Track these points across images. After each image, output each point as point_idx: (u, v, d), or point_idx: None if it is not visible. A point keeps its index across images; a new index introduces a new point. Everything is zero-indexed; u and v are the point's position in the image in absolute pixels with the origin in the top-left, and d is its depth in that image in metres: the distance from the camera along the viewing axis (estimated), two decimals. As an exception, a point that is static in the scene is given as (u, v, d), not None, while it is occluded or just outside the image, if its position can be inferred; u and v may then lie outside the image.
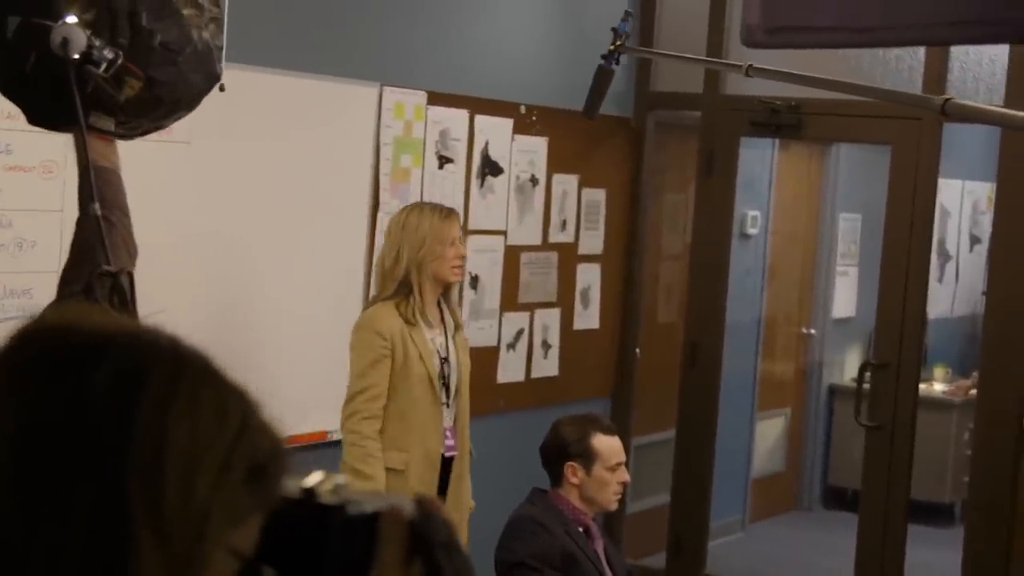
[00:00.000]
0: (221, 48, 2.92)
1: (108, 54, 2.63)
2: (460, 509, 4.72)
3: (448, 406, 4.72)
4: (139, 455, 0.97)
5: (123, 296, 2.56)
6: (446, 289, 4.79)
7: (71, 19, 2.63)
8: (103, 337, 1.03)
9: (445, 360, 4.70)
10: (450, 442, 4.70)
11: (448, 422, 4.71)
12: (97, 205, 2.60)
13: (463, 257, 4.77)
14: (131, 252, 2.69)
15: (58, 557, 0.95)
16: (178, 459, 0.98)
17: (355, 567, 1.05)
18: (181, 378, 1.01)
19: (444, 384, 4.69)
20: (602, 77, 5.19)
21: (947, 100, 3.09)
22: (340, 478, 1.09)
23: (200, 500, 0.99)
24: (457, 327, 4.82)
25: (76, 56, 2.59)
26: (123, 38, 2.68)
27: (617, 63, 5.19)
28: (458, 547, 1.09)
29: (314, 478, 1.08)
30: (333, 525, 1.06)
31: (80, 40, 2.61)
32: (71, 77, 2.58)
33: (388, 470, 4.55)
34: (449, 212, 4.73)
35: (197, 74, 2.89)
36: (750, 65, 2.96)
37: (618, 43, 5.13)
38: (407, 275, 4.64)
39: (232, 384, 1.05)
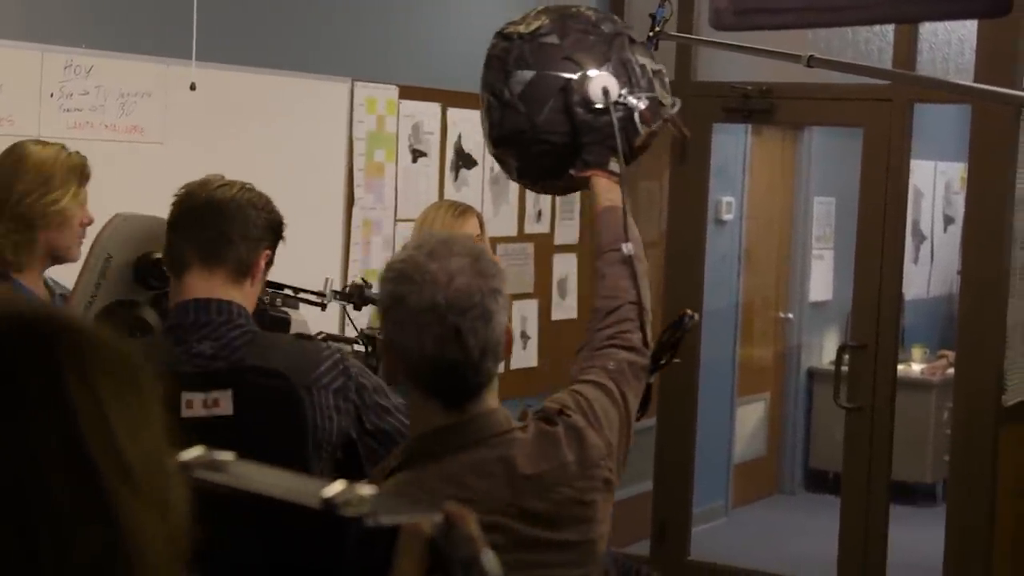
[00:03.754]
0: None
1: (642, 101, 2.78)
2: None
3: None
4: (88, 428, 1.03)
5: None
6: None
7: (593, 72, 2.77)
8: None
9: None
10: None
11: None
12: (629, 244, 2.67)
13: None
14: (647, 281, 2.75)
15: (59, 545, 1.00)
16: (121, 420, 1.04)
17: None
18: (86, 348, 1.07)
19: None
20: None
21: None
22: (364, 488, 1.08)
23: (151, 448, 1.06)
24: None
25: (616, 103, 2.74)
26: (639, 89, 2.82)
27: (656, 49, 5.19)
28: (479, 564, 1.08)
29: (334, 488, 1.07)
30: (351, 537, 1.05)
31: (615, 88, 2.76)
32: (614, 122, 2.73)
33: None
34: (464, 210, 4.71)
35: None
36: (811, 56, 2.97)
37: (657, 29, 5.14)
38: None
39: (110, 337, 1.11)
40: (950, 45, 6.27)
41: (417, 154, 5.74)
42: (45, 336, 1.07)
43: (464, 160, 5.99)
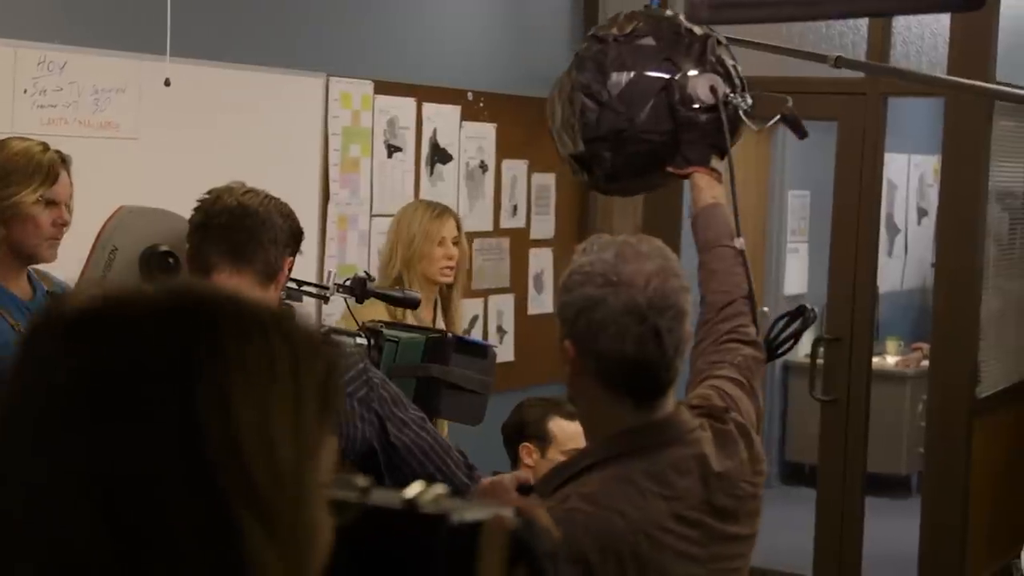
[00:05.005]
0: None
1: (747, 99, 2.87)
2: None
3: None
4: (213, 442, 0.96)
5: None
6: (446, 291, 4.77)
7: (692, 72, 2.85)
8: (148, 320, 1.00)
9: None
10: None
11: None
12: (741, 240, 2.78)
13: (452, 258, 4.73)
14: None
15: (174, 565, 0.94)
16: (252, 437, 0.97)
17: (460, 575, 1.05)
18: (225, 348, 0.99)
19: None
20: None
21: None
22: (439, 488, 1.09)
23: (288, 469, 0.98)
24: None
25: (724, 101, 2.82)
26: (739, 87, 2.91)
27: None
28: (562, 558, 1.09)
29: (414, 489, 1.08)
30: (438, 534, 1.05)
31: (722, 87, 2.84)
32: (724, 118, 2.80)
33: None
34: (442, 211, 4.69)
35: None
36: (838, 56, 3.03)
37: None
38: (399, 273, 4.64)
39: (266, 319, 1.02)
40: (923, 39, 6.30)
41: (392, 149, 5.73)
42: (185, 327, 0.99)
43: (439, 155, 5.98)
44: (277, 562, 0.97)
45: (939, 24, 6.12)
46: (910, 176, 9.85)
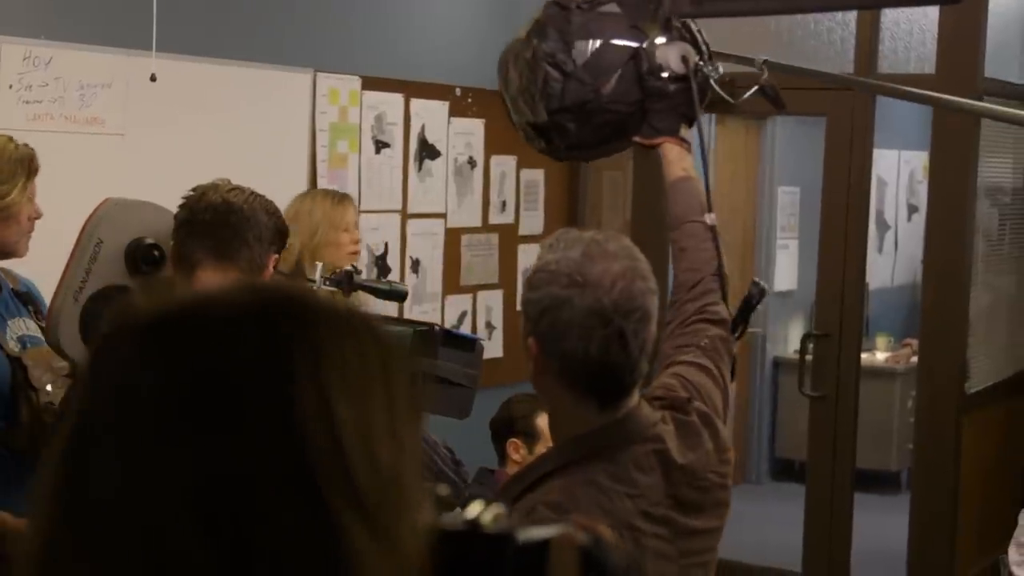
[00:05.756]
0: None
1: (718, 68, 2.80)
2: None
3: None
4: (314, 442, 0.93)
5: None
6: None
7: (662, 40, 2.76)
8: (239, 317, 0.97)
9: None
10: None
11: None
12: (712, 215, 2.70)
13: (358, 242, 4.70)
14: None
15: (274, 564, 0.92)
16: (353, 437, 0.94)
17: None
18: (323, 346, 0.96)
19: None
20: None
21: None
22: (498, 507, 1.06)
23: (387, 468, 0.96)
24: None
25: (695, 70, 2.75)
26: (706, 55, 2.83)
27: None
28: (638, 571, 1.07)
29: (475, 509, 1.05)
30: (505, 554, 1.03)
31: (692, 56, 2.76)
32: (694, 88, 2.73)
33: None
34: (343, 197, 4.63)
35: None
36: (765, 60, 2.97)
37: None
38: (299, 263, 4.59)
39: (357, 318, 1.01)
40: (911, 35, 6.29)
41: (380, 145, 5.72)
42: (278, 326, 0.96)
43: (428, 151, 5.97)
44: (381, 562, 0.94)
45: (928, 20, 6.11)
46: (900, 172, 9.84)
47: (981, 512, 6.27)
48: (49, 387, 3.25)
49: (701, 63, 2.79)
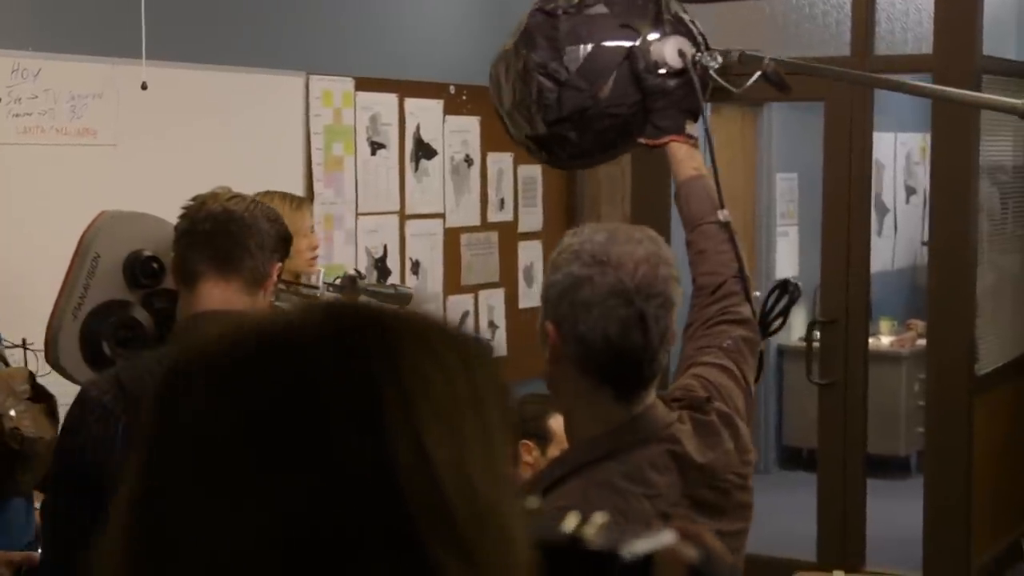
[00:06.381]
0: None
1: (717, 57, 2.71)
2: None
3: None
4: (407, 477, 0.85)
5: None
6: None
7: (655, 35, 2.68)
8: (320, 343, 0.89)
9: None
10: None
11: None
12: (725, 211, 2.64)
13: (316, 248, 4.62)
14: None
15: None
16: (450, 477, 0.87)
17: None
18: (408, 375, 0.88)
19: None
20: None
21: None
22: (600, 517, 1.01)
23: (488, 507, 0.88)
24: None
25: (693, 63, 2.67)
26: (703, 45, 2.75)
27: None
28: None
29: (573, 521, 1.00)
30: (610, 573, 0.98)
31: (690, 48, 2.68)
32: (695, 81, 2.66)
33: None
34: (301, 201, 4.55)
35: None
36: (742, 52, 2.91)
37: None
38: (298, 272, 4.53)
39: (437, 337, 0.92)
40: (908, 16, 6.24)
41: (376, 146, 5.67)
42: (359, 357, 0.87)
43: (424, 150, 5.92)
44: None
45: (924, 1, 6.06)
46: (897, 155, 9.80)
47: (995, 494, 6.22)
48: (12, 412, 3.20)
49: (699, 54, 2.71)
